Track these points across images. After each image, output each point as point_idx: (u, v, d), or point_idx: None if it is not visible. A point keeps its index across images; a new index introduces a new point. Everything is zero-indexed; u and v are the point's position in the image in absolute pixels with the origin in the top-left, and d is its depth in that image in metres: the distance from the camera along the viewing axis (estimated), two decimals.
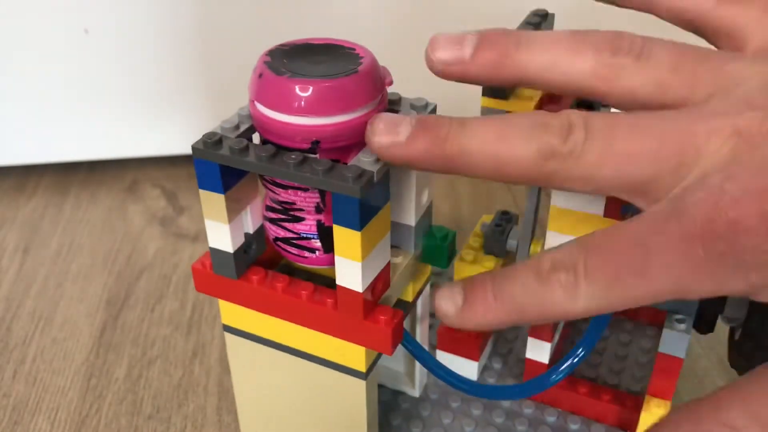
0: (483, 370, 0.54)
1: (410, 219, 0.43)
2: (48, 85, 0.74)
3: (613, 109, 0.48)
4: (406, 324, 0.48)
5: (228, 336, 0.45)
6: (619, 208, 0.43)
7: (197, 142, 0.37)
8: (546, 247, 0.46)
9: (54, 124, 0.76)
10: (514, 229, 0.52)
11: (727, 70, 0.33)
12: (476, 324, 0.35)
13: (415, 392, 0.51)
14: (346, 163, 0.38)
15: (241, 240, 0.41)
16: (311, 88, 0.36)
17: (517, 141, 0.33)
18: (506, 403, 0.51)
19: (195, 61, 0.74)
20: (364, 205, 0.35)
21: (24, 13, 0.70)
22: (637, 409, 0.49)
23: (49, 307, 0.63)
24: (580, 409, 0.50)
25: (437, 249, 0.45)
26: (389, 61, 0.47)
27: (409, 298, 0.45)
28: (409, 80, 0.59)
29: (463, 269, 0.52)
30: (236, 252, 0.40)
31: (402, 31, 0.75)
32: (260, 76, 0.37)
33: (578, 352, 0.41)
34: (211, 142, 0.37)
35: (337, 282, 0.38)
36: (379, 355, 0.43)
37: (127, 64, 0.74)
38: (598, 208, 0.43)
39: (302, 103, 0.36)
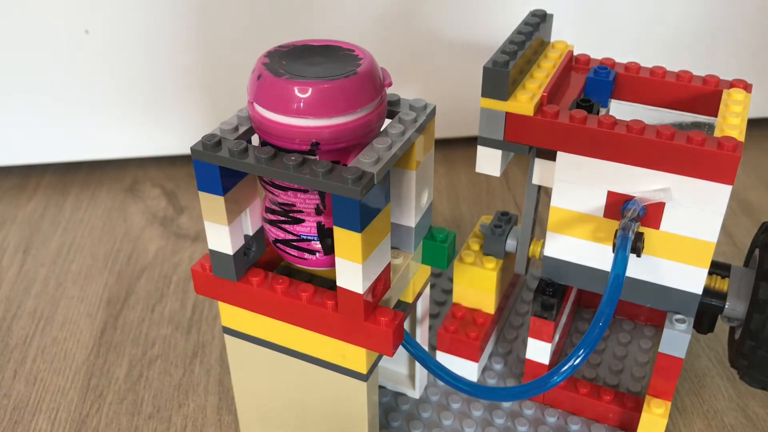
0: (483, 370, 0.54)
1: (410, 220, 0.43)
2: (48, 86, 0.74)
3: (612, 111, 0.48)
4: (405, 325, 0.48)
5: (228, 338, 0.45)
6: (619, 208, 0.43)
7: (196, 144, 0.37)
8: (546, 247, 0.46)
9: (54, 124, 0.76)
10: (514, 229, 0.52)
11: None
12: None
13: (416, 393, 0.51)
14: (346, 165, 0.38)
15: (241, 242, 0.41)
16: (310, 90, 0.36)
17: None
18: (507, 404, 0.51)
19: (195, 61, 0.75)
20: (365, 206, 0.35)
21: (25, 13, 0.70)
22: (637, 409, 0.49)
23: (50, 306, 0.63)
24: (581, 410, 0.50)
25: (437, 250, 0.45)
26: (388, 62, 0.47)
27: (409, 299, 0.45)
28: (408, 81, 0.60)
29: (462, 270, 0.51)
30: (236, 254, 0.40)
31: (401, 32, 0.75)
32: (259, 77, 0.37)
33: (579, 353, 0.41)
34: (210, 143, 0.37)
35: (338, 283, 0.38)
36: (379, 357, 0.43)
37: (127, 64, 0.74)
38: (598, 208, 0.43)
39: (301, 104, 0.36)
